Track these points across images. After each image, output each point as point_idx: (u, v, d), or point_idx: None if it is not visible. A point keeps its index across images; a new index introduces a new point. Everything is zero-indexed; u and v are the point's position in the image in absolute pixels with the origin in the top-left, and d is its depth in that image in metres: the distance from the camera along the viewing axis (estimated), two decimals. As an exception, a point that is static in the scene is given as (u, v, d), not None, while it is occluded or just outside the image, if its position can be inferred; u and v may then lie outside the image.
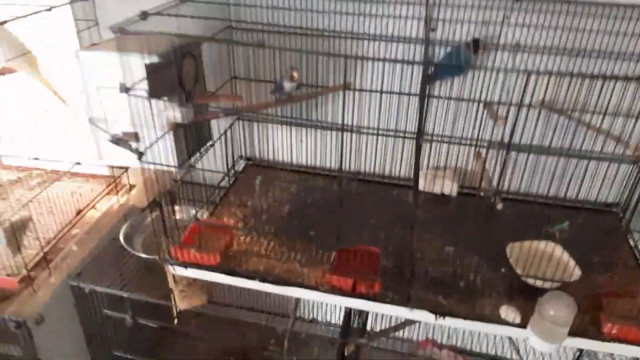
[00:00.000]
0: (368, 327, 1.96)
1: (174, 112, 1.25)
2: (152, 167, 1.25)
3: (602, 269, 1.39)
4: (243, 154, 1.86)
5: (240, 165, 1.84)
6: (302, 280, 1.33)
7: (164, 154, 1.32)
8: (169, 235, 1.35)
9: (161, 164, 1.27)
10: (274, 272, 1.35)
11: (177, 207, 1.72)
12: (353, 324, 1.76)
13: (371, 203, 1.66)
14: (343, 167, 1.75)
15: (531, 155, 1.59)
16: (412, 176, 1.44)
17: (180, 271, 1.37)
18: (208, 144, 1.56)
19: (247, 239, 1.47)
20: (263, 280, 1.32)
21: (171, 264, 1.36)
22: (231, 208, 1.63)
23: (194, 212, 1.54)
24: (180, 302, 1.47)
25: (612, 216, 1.61)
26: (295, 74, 1.47)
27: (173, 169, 1.34)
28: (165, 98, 1.26)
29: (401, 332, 1.97)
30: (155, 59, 1.23)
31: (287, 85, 1.48)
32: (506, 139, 1.07)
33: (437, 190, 1.65)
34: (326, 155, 1.78)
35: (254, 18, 1.56)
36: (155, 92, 1.22)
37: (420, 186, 1.65)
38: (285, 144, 1.80)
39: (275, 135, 1.80)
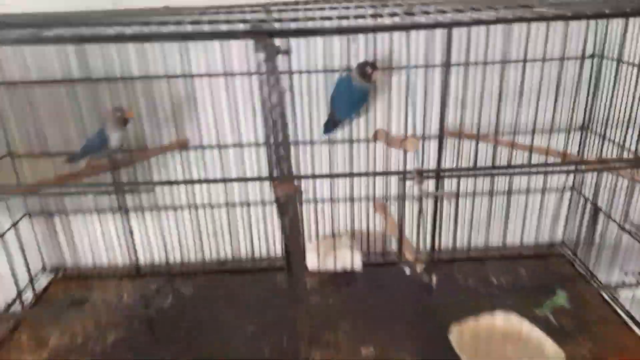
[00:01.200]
0: None
1: None
2: None
3: (579, 335, 0.98)
4: (46, 264, 1.24)
5: (44, 280, 1.22)
6: None
7: None
8: None
9: None
10: None
11: None
12: None
13: (244, 302, 1.13)
14: (183, 258, 1.23)
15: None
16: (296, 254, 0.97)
17: None
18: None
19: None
20: None
21: None
22: (20, 354, 1.00)
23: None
24: None
25: (559, 260, 1.23)
26: (127, 116, 0.99)
27: None
28: None
29: None
30: None
31: (116, 137, 0.99)
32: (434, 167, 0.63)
33: (334, 266, 1.17)
34: (174, 246, 1.24)
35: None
36: None
37: (312, 265, 1.17)
38: (109, 239, 1.23)
39: (91, 228, 1.22)
